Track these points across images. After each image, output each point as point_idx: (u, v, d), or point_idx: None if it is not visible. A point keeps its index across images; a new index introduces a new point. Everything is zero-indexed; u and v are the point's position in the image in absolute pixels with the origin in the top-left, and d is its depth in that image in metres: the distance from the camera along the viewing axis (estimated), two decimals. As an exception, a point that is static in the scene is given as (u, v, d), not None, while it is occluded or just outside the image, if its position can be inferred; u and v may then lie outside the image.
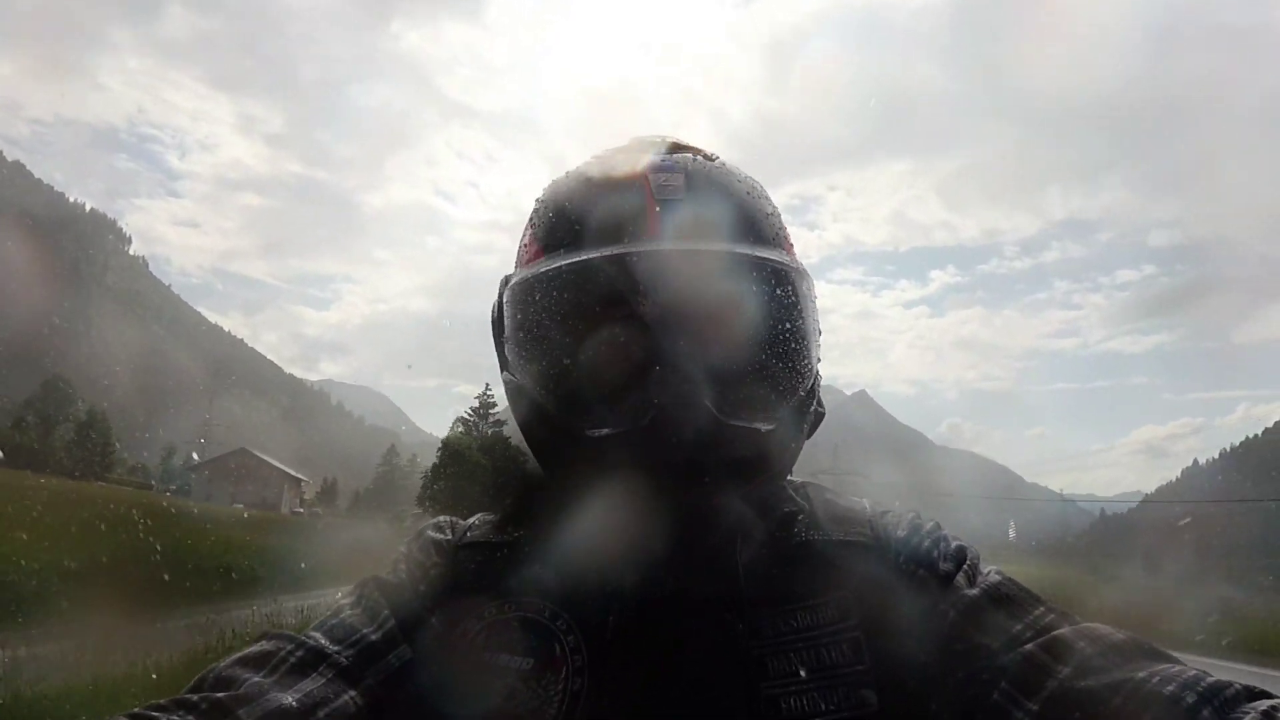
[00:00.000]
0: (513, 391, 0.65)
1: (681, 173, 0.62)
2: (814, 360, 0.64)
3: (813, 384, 0.65)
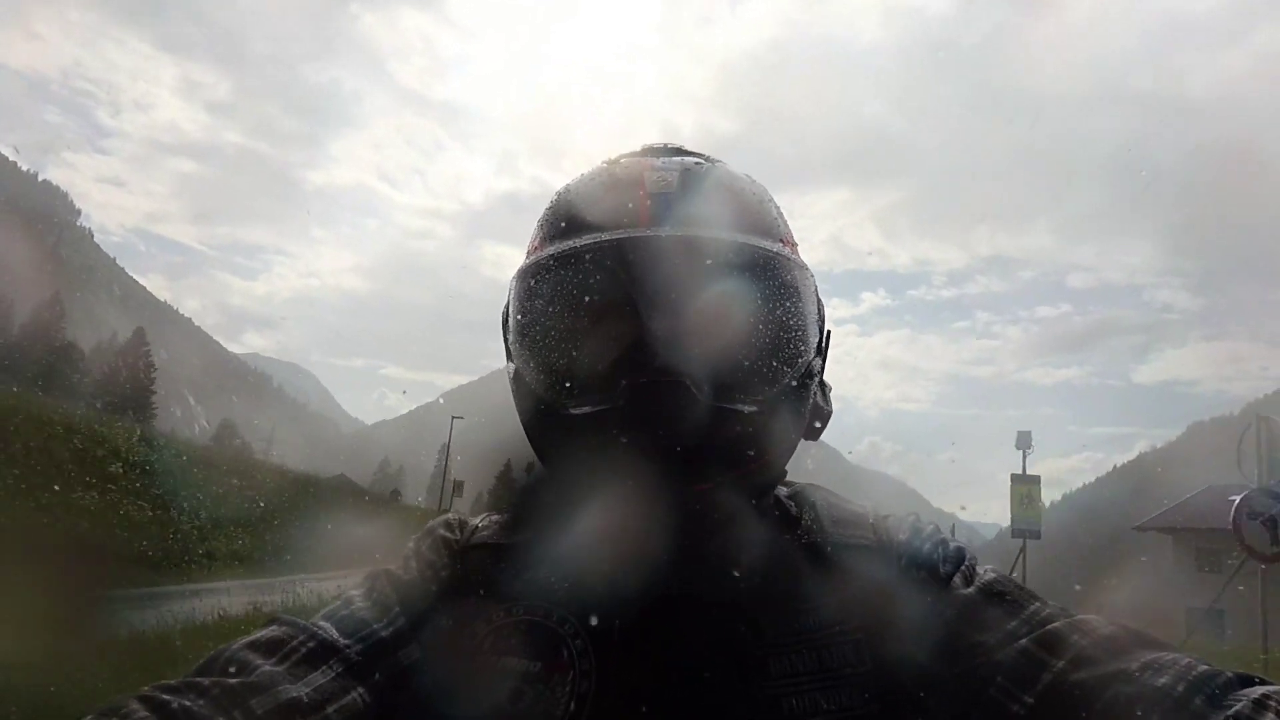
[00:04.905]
0: (513, 379, 0.67)
1: (677, 170, 0.64)
2: (808, 350, 0.63)
3: (809, 376, 0.64)
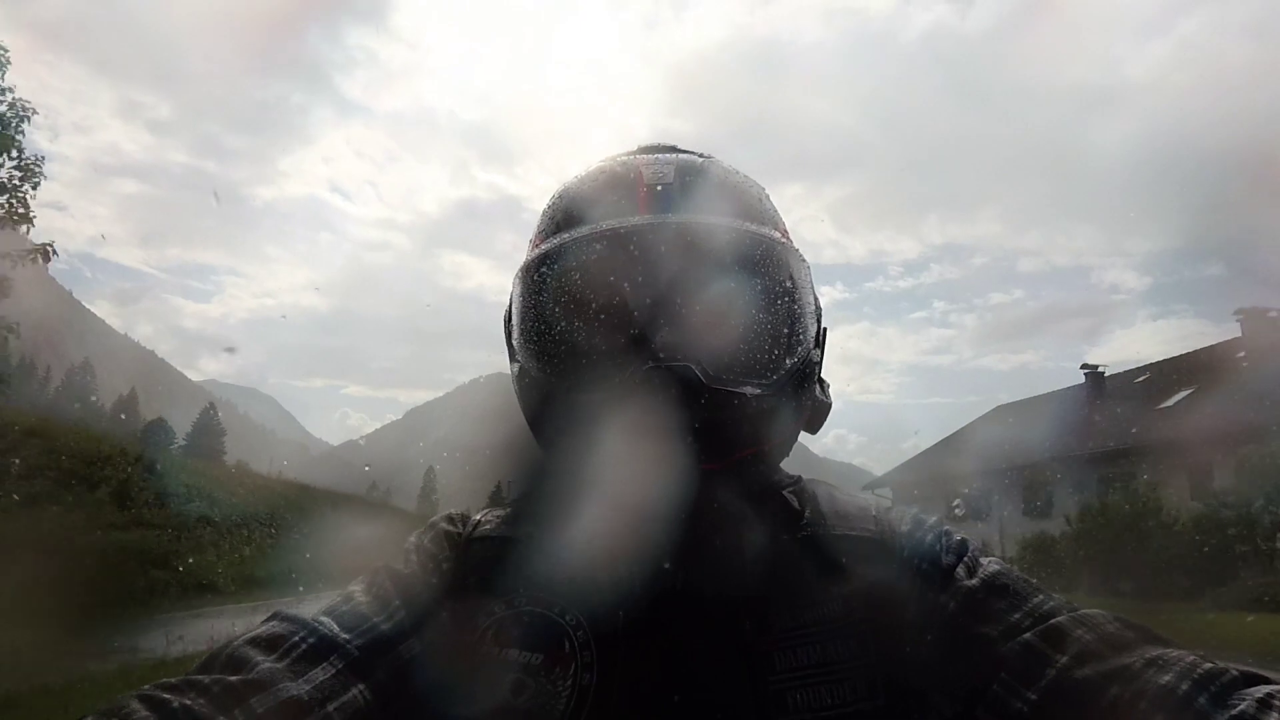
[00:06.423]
0: (517, 376, 0.67)
1: (673, 165, 0.66)
2: (807, 339, 0.65)
3: (807, 367, 0.65)
